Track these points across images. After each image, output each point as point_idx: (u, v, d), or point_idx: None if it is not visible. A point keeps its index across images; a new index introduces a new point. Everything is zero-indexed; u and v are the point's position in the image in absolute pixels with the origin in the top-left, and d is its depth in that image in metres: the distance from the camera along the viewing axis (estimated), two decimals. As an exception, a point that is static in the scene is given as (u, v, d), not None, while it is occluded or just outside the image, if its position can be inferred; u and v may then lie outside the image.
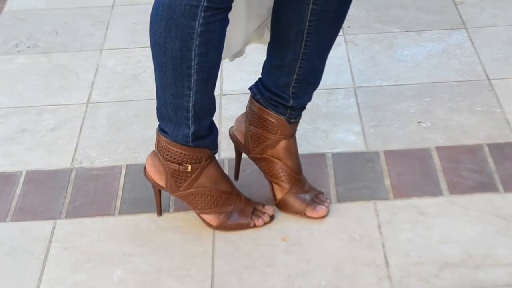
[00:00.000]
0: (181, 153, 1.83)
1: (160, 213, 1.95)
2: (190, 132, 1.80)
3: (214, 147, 1.87)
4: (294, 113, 1.90)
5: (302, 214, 1.92)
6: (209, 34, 1.69)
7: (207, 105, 1.80)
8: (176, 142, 1.82)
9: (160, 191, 1.92)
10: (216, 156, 1.92)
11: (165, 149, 1.84)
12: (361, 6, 2.81)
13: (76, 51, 2.66)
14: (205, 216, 1.89)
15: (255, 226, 1.90)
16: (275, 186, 1.94)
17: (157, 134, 1.86)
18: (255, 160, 1.96)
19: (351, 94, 2.36)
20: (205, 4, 1.66)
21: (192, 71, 1.73)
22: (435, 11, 2.75)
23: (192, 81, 1.74)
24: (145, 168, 1.91)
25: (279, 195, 1.94)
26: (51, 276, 1.81)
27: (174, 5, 1.67)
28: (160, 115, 1.83)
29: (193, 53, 1.70)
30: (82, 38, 2.73)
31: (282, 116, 1.89)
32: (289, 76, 1.86)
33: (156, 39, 1.72)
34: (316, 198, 1.93)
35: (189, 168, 1.85)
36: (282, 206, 1.94)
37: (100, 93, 2.43)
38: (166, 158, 1.85)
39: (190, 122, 1.79)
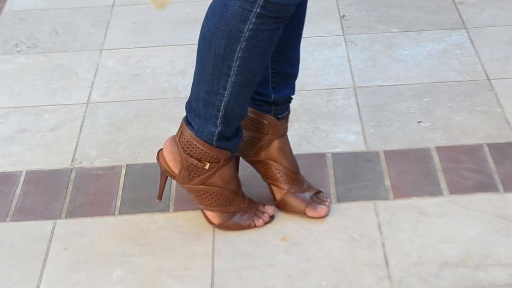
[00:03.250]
0: (202, 150, 1.83)
1: (160, 198, 1.94)
2: (216, 131, 1.80)
3: (235, 150, 1.87)
4: (279, 108, 1.90)
5: (302, 213, 1.92)
6: (256, 41, 1.69)
7: (239, 108, 1.79)
8: (200, 138, 1.82)
9: (166, 178, 1.91)
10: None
11: (187, 143, 1.83)
12: (361, 6, 2.81)
13: (76, 51, 2.66)
14: (209, 213, 1.89)
15: (255, 226, 1.90)
16: (273, 187, 1.94)
17: (182, 125, 1.85)
18: (251, 163, 1.96)
19: (351, 94, 2.36)
20: (258, 10, 1.65)
21: (231, 72, 1.72)
22: (435, 11, 2.75)
23: (229, 82, 1.74)
24: (160, 151, 1.90)
25: (278, 196, 1.94)
26: (51, 276, 1.81)
27: (229, 4, 1.67)
28: (190, 108, 1.82)
29: (236, 54, 1.70)
30: (82, 38, 2.73)
31: (268, 114, 1.90)
32: (264, 71, 1.85)
33: (205, 33, 1.73)
34: (316, 197, 1.93)
35: (207, 166, 1.85)
36: (282, 206, 1.94)
37: (100, 93, 2.44)
38: (186, 151, 1.84)
39: (218, 121, 1.79)
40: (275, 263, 1.81)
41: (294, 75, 1.91)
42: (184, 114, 2.29)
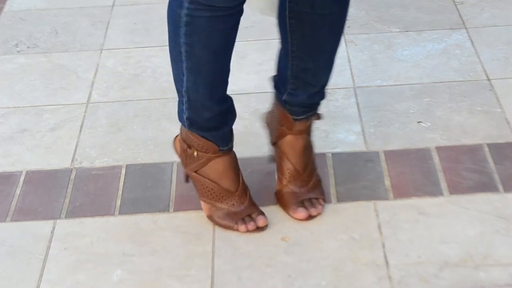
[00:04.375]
0: (189, 136, 1.86)
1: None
2: (185, 117, 1.83)
3: (221, 144, 1.88)
4: (292, 109, 1.90)
5: (287, 211, 1.92)
6: (193, 27, 1.69)
7: (201, 97, 1.80)
8: (182, 124, 1.87)
9: None
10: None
11: (181, 128, 1.89)
12: (361, 6, 2.81)
13: (76, 51, 2.66)
14: (201, 202, 1.92)
15: (237, 230, 1.89)
16: (278, 176, 1.96)
17: None
18: (273, 146, 1.98)
19: (351, 94, 2.36)
20: None
21: (182, 57, 1.74)
22: (435, 11, 2.75)
23: (184, 68, 1.76)
24: (177, 135, 1.96)
25: (278, 186, 1.95)
26: (51, 276, 1.81)
27: None
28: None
29: (181, 40, 1.72)
30: (82, 38, 2.73)
31: (282, 107, 1.91)
32: (286, 71, 1.86)
33: (167, 18, 1.76)
34: (309, 201, 1.92)
35: (195, 153, 1.87)
36: (277, 198, 1.95)
37: (100, 93, 2.44)
38: (181, 136, 1.89)
39: (184, 107, 1.82)
40: (275, 263, 1.81)
41: (315, 86, 1.87)
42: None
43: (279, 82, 1.91)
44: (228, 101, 1.85)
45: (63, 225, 1.95)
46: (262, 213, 1.90)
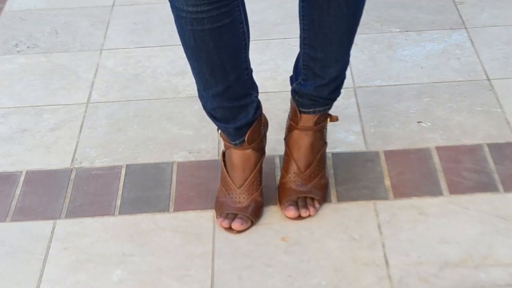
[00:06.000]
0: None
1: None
2: (199, 95, 1.86)
3: (231, 139, 1.89)
4: (301, 101, 1.90)
5: (280, 207, 1.93)
6: (176, 26, 1.73)
7: (199, 87, 1.82)
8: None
9: None
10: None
11: None
12: (361, 6, 2.81)
13: (76, 51, 2.66)
14: None
15: (217, 219, 1.91)
16: (282, 170, 1.97)
17: None
18: (284, 140, 1.99)
19: (351, 94, 2.36)
20: None
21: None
22: (435, 11, 2.75)
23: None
24: None
25: (280, 179, 1.96)
26: (51, 276, 1.81)
27: None
28: None
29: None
30: (82, 38, 2.73)
31: (293, 98, 1.92)
32: (299, 59, 1.88)
33: None
34: (304, 201, 1.92)
35: (219, 135, 1.92)
36: (278, 192, 1.96)
37: (100, 93, 2.44)
38: None
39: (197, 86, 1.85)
40: (275, 263, 1.81)
41: (323, 79, 1.86)
42: (184, 113, 2.31)
43: (294, 72, 1.93)
44: (228, 101, 1.84)
45: (63, 225, 1.95)
46: (248, 221, 1.90)
